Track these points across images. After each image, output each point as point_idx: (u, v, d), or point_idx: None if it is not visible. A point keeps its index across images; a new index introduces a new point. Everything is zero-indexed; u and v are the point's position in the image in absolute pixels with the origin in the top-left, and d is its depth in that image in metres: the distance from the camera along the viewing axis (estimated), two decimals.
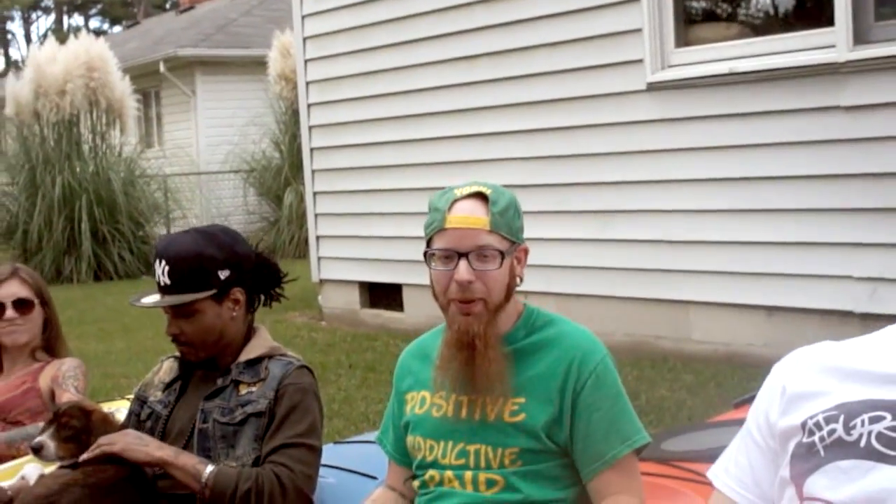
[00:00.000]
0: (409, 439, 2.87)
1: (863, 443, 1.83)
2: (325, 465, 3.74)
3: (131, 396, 5.02)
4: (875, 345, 1.97)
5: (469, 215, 2.67)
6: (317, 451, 3.29)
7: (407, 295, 9.46)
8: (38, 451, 3.36)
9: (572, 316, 7.90)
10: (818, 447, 1.88)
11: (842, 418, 1.88)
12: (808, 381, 1.99)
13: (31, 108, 16.17)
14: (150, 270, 16.38)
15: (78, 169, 16.16)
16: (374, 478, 3.54)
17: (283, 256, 17.60)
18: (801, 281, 6.64)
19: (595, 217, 7.89)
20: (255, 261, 3.43)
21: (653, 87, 7.39)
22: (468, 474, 2.73)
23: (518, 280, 2.77)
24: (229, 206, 21.40)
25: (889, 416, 1.83)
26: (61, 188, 15.91)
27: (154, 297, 3.31)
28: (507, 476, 2.70)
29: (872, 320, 6.28)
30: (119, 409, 4.88)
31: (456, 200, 2.69)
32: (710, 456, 3.59)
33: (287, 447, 3.20)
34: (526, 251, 2.80)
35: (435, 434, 2.80)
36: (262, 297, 3.51)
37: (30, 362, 4.37)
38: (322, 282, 10.50)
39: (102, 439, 3.27)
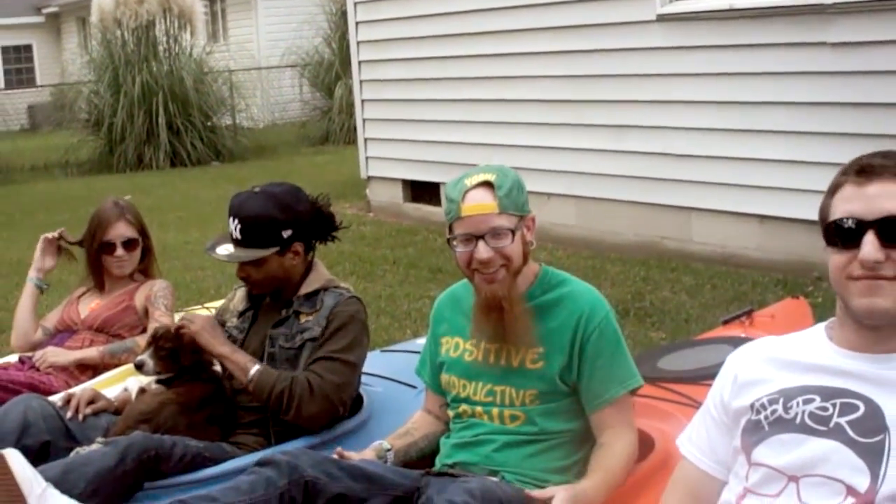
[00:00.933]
0: (445, 377, 3.06)
1: (798, 420, 2.03)
2: (373, 375, 3.92)
3: (210, 305, 5.26)
4: (807, 340, 2.16)
5: (480, 203, 2.80)
6: (352, 366, 3.43)
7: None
8: (140, 367, 3.59)
9: (590, 217, 8.13)
10: (763, 424, 2.08)
11: (781, 401, 2.07)
12: (755, 370, 2.18)
13: (113, 15, 16.21)
14: (218, 157, 16.61)
15: (154, 69, 16.24)
16: (414, 387, 3.71)
17: (334, 143, 17.70)
18: (789, 194, 6.68)
19: (610, 131, 7.92)
20: (313, 211, 3.54)
21: (662, 18, 7.37)
22: (495, 410, 2.93)
23: (531, 244, 2.92)
24: (287, 97, 21.47)
25: (818, 398, 2.03)
26: (140, 86, 16.04)
27: (227, 248, 3.48)
28: (528, 412, 2.90)
29: None
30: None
31: (467, 191, 2.82)
32: (697, 377, 3.80)
33: (324, 360, 3.38)
34: (533, 219, 2.94)
35: (467, 375, 2.99)
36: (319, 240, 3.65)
37: (127, 283, 4.50)
38: (369, 178, 10.63)
39: (186, 317, 3.52)
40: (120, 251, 4.42)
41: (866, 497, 1.90)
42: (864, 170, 2.02)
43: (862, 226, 1.97)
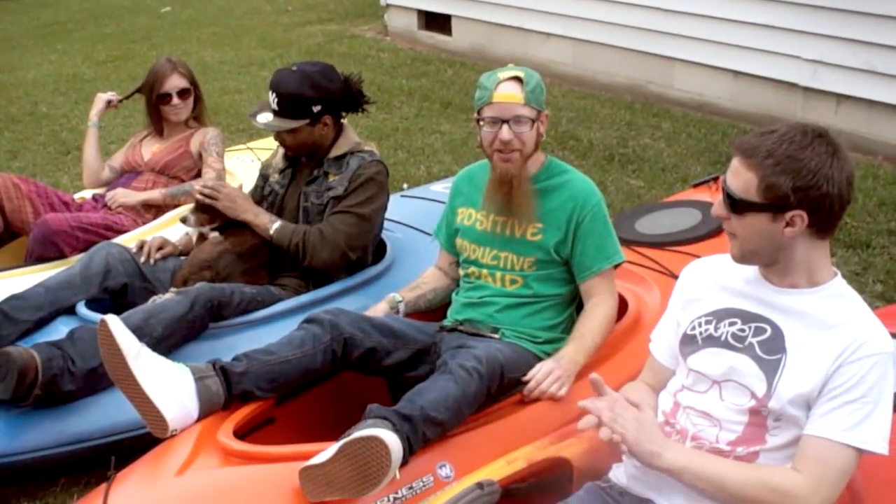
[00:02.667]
0: (458, 241, 3.30)
1: (723, 338, 2.32)
2: (393, 221, 4.13)
3: (254, 145, 5.42)
4: (739, 265, 2.37)
5: (510, 93, 3.00)
6: (364, 218, 3.61)
7: (454, 23, 9.49)
8: (184, 221, 3.82)
9: (584, 58, 8.12)
10: (698, 339, 2.37)
11: (714, 322, 2.36)
12: (698, 288, 2.45)
13: None
14: None
15: None
16: (428, 234, 3.80)
17: None
18: (761, 55, 6.74)
19: None
20: (343, 88, 3.65)
21: None
22: (498, 274, 3.18)
23: (542, 136, 3.12)
24: None
25: (739, 321, 2.32)
26: None
27: (267, 116, 3.61)
28: (525, 277, 3.15)
29: (811, 93, 6.51)
30: (243, 158, 5.28)
31: (500, 82, 3.02)
32: (667, 242, 4.00)
33: (340, 213, 3.60)
34: (547, 116, 3.13)
35: (477, 241, 3.23)
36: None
37: (183, 129, 4.65)
38: (388, 6, 10.53)
39: (223, 192, 3.70)
40: (175, 100, 4.56)
41: (763, 401, 2.22)
42: (734, 146, 2.21)
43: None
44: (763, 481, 2.17)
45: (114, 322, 2.67)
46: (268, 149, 5.13)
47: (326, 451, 2.40)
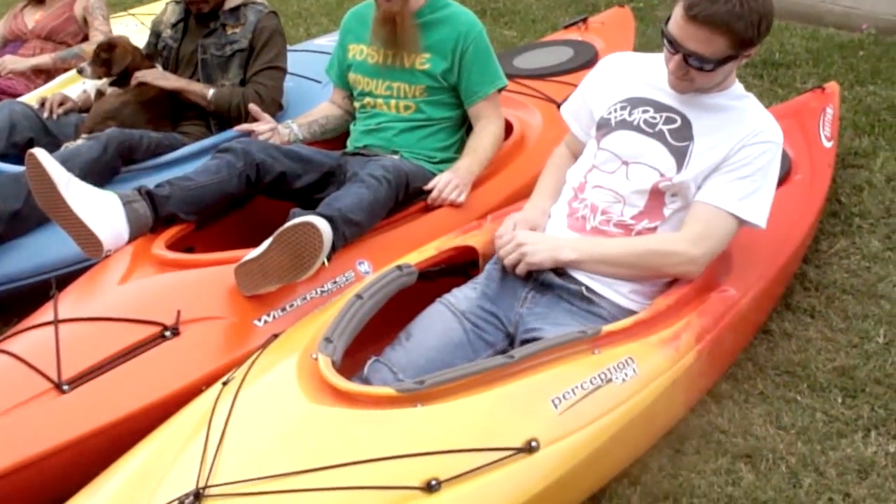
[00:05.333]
0: (351, 76, 3.51)
1: (635, 123, 2.58)
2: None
3: (135, 11, 5.44)
4: (658, 61, 2.61)
5: None
6: (283, 71, 3.87)
7: None
8: (80, 72, 3.91)
9: None
10: (612, 122, 2.63)
11: (628, 108, 2.62)
12: (617, 77, 2.70)
13: None
14: None
15: None
16: (319, 81, 4.11)
17: None
18: None
19: None
20: None
21: None
22: (392, 102, 3.42)
23: None
24: None
25: (652, 110, 2.58)
26: None
27: None
28: (417, 103, 3.40)
29: None
30: (126, 24, 5.32)
31: None
32: (545, 74, 4.28)
33: (262, 70, 3.80)
34: None
35: (370, 74, 3.45)
36: None
37: None
38: None
39: (138, 74, 3.83)
40: None
41: (668, 179, 2.50)
42: (692, 12, 2.34)
43: (676, 48, 2.43)
44: (649, 249, 2.49)
45: (42, 154, 2.80)
46: (149, 14, 5.17)
47: (260, 247, 2.62)
